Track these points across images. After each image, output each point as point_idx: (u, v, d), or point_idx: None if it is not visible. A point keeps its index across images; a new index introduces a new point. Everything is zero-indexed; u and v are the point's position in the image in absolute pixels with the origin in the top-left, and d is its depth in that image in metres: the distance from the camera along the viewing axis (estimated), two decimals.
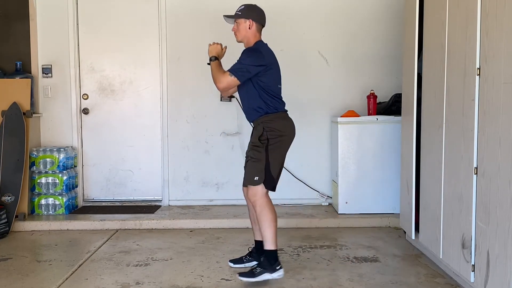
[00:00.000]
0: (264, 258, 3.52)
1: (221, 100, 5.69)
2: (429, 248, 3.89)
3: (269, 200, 3.58)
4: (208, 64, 3.71)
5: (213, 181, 5.82)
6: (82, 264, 4.03)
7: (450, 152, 3.48)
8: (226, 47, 3.81)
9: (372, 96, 5.32)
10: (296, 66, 5.70)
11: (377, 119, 5.20)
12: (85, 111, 5.85)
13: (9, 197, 5.05)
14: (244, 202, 3.73)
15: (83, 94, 5.84)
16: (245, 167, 3.71)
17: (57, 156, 5.41)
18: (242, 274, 3.55)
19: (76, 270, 3.89)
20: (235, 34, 3.76)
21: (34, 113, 5.49)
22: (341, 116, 5.29)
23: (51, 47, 5.74)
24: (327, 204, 5.69)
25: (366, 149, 5.23)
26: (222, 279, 3.65)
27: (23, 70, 5.59)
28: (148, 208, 5.67)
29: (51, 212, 5.42)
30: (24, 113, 5.25)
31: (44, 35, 5.73)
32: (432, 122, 3.80)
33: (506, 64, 2.71)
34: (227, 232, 4.94)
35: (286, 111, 3.75)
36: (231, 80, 3.55)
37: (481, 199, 3.01)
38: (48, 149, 5.45)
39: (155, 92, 5.84)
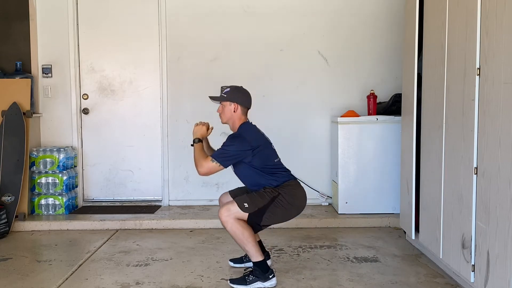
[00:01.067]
0: (255, 268, 3.49)
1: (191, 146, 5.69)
2: (429, 248, 3.88)
3: (241, 220, 3.43)
4: (192, 145, 3.65)
5: (213, 181, 5.81)
6: (82, 264, 4.03)
7: (450, 152, 3.47)
8: (212, 128, 3.77)
9: (372, 96, 5.33)
10: (296, 66, 5.70)
11: (377, 119, 5.20)
12: (85, 111, 5.85)
13: (9, 197, 5.05)
14: None
15: (83, 94, 5.84)
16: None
17: (57, 156, 5.41)
18: (234, 281, 3.52)
19: (76, 270, 3.89)
20: (220, 116, 3.72)
21: (34, 113, 5.49)
22: (341, 116, 5.30)
23: (51, 47, 5.74)
24: (327, 204, 5.69)
25: (366, 149, 5.23)
26: (222, 279, 3.65)
27: (23, 70, 5.59)
28: (148, 208, 5.67)
29: (51, 212, 5.42)
30: (24, 113, 5.25)
31: (44, 35, 5.73)
32: (432, 122, 3.80)
33: (506, 64, 2.71)
34: (227, 232, 4.91)
35: (295, 178, 3.69)
36: (212, 166, 3.48)
37: (481, 199, 3.00)
38: (48, 149, 5.45)
39: (155, 92, 5.84)
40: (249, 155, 3.51)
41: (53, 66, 5.74)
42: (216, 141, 5.75)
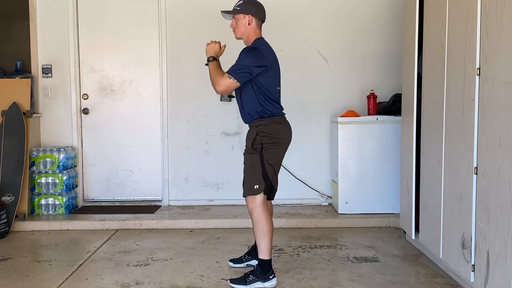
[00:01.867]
0: (258, 266, 3.49)
1: (221, 100, 5.69)
2: (429, 248, 3.89)
3: (266, 209, 3.49)
4: (206, 64, 3.55)
5: (213, 181, 5.82)
6: (82, 264, 4.03)
7: (450, 152, 3.48)
8: (225, 46, 3.66)
9: (372, 96, 5.33)
10: (296, 66, 5.70)
11: (377, 119, 5.20)
12: (85, 111, 5.85)
13: (9, 197, 5.05)
14: (244, 202, 3.72)
15: (83, 94, 5.84)
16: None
17: (57, 156, 5.40)
18: (234, 281, 3.51)
19: (76, 270, 3.89)
20: (234, 31, 3.60)
21: (34, 113, 5.49)
22: (341, 116, 5.30)
23: (51, 47, 5.74)
24: (327, 204, 5.69)
25: (366, 149, 5.23)
26: (222, 279, 3.65)
27: (23, 70, 5.59)
28: (148, 208, 5.67)
29: (51, 212, 5.42)
30: (24, 113, 5.25)
31: (44, 35, 5.73)
32: (432, 122, 3.80)
33: (506, 64, 2.71)
34: (227, 232, 4.93)
35: (283, 114, 3.62)
36: (230, 83, 3.38)
37: (481, 199, 3.01)
38: (48, 149, 5.45)
39: (155, 92, 5.84)
40: (262, 71, 3.42)
41: (53, 66, 5.74)
42: (216, 141, 5.79)
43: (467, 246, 3.17)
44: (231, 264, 3.93)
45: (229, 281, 3.54)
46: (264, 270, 3.46)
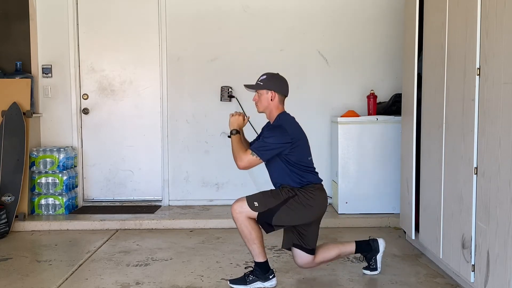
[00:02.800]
0: (256, 268, 3.47)
1: (221, 100, 5.70)
2: (429, 248, 3.89)
3: (252, 219, 3.38)
4: (229, 137, 3.49)
5: (213, 181, 5.82)
6: (82, 264, 4.03)
7: (450, 152, 3.48)
8: (248, 118, 3.63)
9: (372, 96, 5.33)
10: (296, 66, 5.70)
11: (377, 119, 5.20)
12: (85, 111, 5.85)
13: (9, 197, 5.05)
14: None
15: (83, 94, 5.84)
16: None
17: (57, 156, 5.40)
18: (234, 281, 3.51)
19: (76, 270, 3.89)
20: (256, 105, 3.53)
21: (34, 113, 5.49)
22: (341, 116, 5.30)
23: (51, 47, 5.74)
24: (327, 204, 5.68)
25: (366, 149, 5.23)
26: (222, 279, 3.65)
27: (23, 70, 5.59)
28: (148, 208, 5.67)
29: (51, 212, 5.42)
30: (24, 113, 5.25)
31: (44, 35, 5.73)
32: (432, 122, 3.80)
33: (506, 64, 2.71)
34: (227, 232, 4.93)
35: (321, 182, 3.54)
36: (252, 159, 3.33)
37: (481, 199, 3.01)
38: (48, 149, 5.45)
39: (155, 92, 5.84)
40: (288, 148, 3.36)
41: (53, 66, 5.74)
42: (216, 141, 5.79)
43: (467, 246, 3.17)
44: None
45: (229, 281, 3.54)
46: (263, 270, 3.45)
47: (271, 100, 3.48)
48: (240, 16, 5.72)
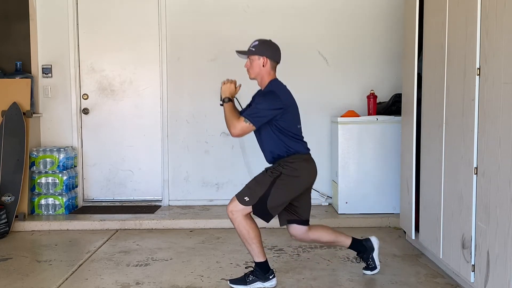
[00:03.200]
0: (256, 268, 3.48)
1: (220, 105, 5.69)
2: (429, 248, 3.89)
3: (249, 218, 3.40)
4: (221, 105, 3.48)
5: (213, 181, 5.82)
6: (82, 264, 4.03)
7: (450, 152, 3.48)
8: (240, 86, 3.59)
9: (372, 96, 5.33)
10: (296, 66, 5.69)
11: (377, 119, 5.20)
12: (85, 111, 5.85)
13: (9, 197, 5.05)
14: None
15: (83, 94, 5.84)
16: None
17: (57, 156, 5.40)
18: (234, 281, 3.51)
19: (76, 270, 3.89)
20: (248, 71, 3.54)
21: (34, 113, 5.49)
22: (341, 116, 5.30)
23: (51, 47, 5.74)
24: (327, 204, 5.69)
25: (366, 149, 5.23)
26: (222, 279, 3.65)
27: (23, 70, 5.59)
28: (148, 208, 5.67)
29: (51, 212, 5.42)
30: (24, 113, 5.25)
31: (44, 35, 5.73)
32: (432, 122, 3.80)
33: (506, 64, 2.71)
34: (227, 232, 4.93)
35: (309, 152, 3.56)
36: (245, 126, 3.34)
37: (481, 199, 3.01)
38: (48, 149, 5.45)
39: (155, 92, 5.84)
40: (279, 114, 3.37)
41: (53, 66, 5.75)
42: (216, 141, 5.79)
43: (467, 246, 3.17)
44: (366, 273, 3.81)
45: (229, 281, 3.54)
46: (263, 270, 3.45)
47: (263, 66, 3.50)
48: (241, 16, 5.72)
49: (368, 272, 3.71)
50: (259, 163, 3.72)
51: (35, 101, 5.65)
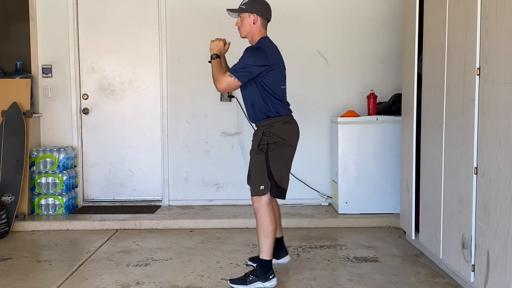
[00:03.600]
0: (258, 266, 3.48)
1: (221, 100, 5.70)
2: (429, 248, 3.89)
3: (271, 210, 3.47)
4: (209, 62, 3.56)
5: (213, 181, 5.81)
6: (82, 264, 4.03)
7: (450, 152, 3.48)
8: (229, 43, 3.64)
9: (372, 96, 5.33)
10: (296, 66, 5.69)
11: (377, 119, 5.20)
12: (85, 111, 5.85)
13: (9, 197, 5.05)
14: (244, 202, 3.73)
15: (83, 94, 5.84)
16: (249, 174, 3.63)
17: (57, 156, 5.41)
18: (234, 281, 3.51)
19: (76, 270, 3.89)
20: (239, 29, 3.59)
21: (34, 113, 5.49)
22: (341, 116, 5.30)
23: (51, 47, 5.74)
24: (327, 204, 5.69)
25: (366, 149, 5.23)
26: (222, 279, 3.65)
27: (23, 70, 5.59)
28: (148, 208, 5.67)
29: (51, 212, 5.42)
30: (24, 113, 5.25)
31: (44, 35, 5.73)
32: (432, 122, 3.80)
33: (506, 64, 2.71)
34: (227, 232, 4.93)
35: (290, 114, 3.61)
36: (231, 81, 3.39)
37: (481, 199, 3.01)
38: (48, 149, 5.45)
39: (155, 92, 5.84)
40: (265, 70, 3.39)
41: (53, 66, 5.75)
42: (216, 141, 5.79)
43: (467, 246, 3.17)
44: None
45: (229, 281, 3.54)
46: (264, 270, 3.45)
47: (254, 23, 3.53)
48: None
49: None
50: None
51: (35, 101, 5.66)
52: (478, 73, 3.05)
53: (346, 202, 5.23)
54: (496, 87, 2.83)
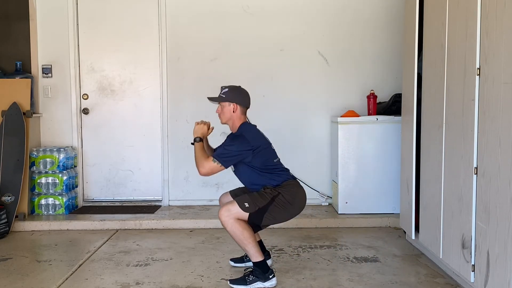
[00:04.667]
0: (255, 268, 3.49)
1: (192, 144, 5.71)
2: (429, 248, 3.89)
3: (241, 220, 3.43)
4: (192, 144, 3.64)
5: (213, 181, 5.81)
6: (82, 264, 4.04)
7: (450, 152, 3.48)
8: (213, 128, 3.76)
9: (372, 96, 5.33)
10: (296, 66, 5.71)
11: (377, 119, 5.20)
12: (85, 111, 5.85)
13: (9, 197, 5.06)
14: None
15: (83, 94, 5.84)
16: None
17: (57, 156, 5.41)
18: (234, 281, 3.52)
19: (76, 270, 3.90)
20: (219, 116, 3.71)
21: (34, 113, 5.50)
22: (341, 116, 5.30)
23: (51, 47, 5.75)
24: (327, 204, 5.69)
25: (366, 149, 5.23)
26: (222, 279, 3.65)
27: (23, 70, 5.59)
28: (148, 208, 5.67)
29: (51, 212, 5.43)
30: (24, 113, 5.26)
31: (44, 35, 5.73)
32: (432, 122, 3.81)
33: (506, 64, 2.72)
34: (227, 232, 4.92)
35: (295, 178, 3.70)
36: (213, 166, 3.49)
37: (481, 199, 3.01)
38: (48, 149, 5.45)
39: (155, 92, 5.84)
40: (250, 155, 3.51)
41: (53, 66, 5.75)
42: (216, 141, 5.77)
43: (467, 246, 3.17)
44: (232, 263, 3.95)
45: (229, 281, 3.54)
46: (263, 270, 3.46)
47: (233, 112, 3.65)
48: (240, 16, 5.72)
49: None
50: None
51: (35, 101, 5.66)
52: (478, 73, 3.05)
53: (346, 202, 5.24)
54: (496, 87, 2.83)
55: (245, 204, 3.42)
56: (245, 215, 3.42)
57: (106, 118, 5.88)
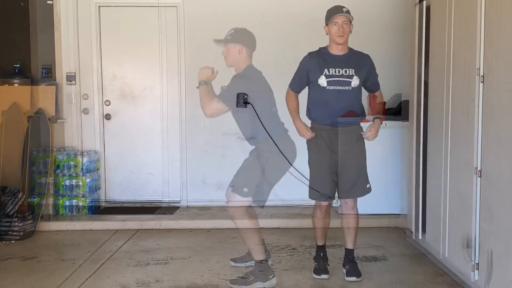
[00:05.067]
0: (256, 267, 3.55)
1: (236, 106, 5.79)
2: (434, 247, 3.96)
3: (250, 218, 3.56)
4: (197, 87, 3.69)
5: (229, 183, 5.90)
6: (104, 262, 4.17)
7: (454, 154, 3.57)
8: (217, 72, 3.76)
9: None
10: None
11: (385, 124, 5.14)
12: (107, 116, 6.03)
13: (35, 199, 5.26)
14: (257, 204, 3.83)
15: (105, 101, 6.02)
16: None
17: (80, 160, 5.58)
18: (234, 282, 3.58)
19: (98, 268, 4.03)
20: (225, 59, 3.72)
21: (58, 118, 5.71)
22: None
23: (75, 56, 5.91)
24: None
25: (372, 150, 5.16)
26: (238, 277, 3.72)
27: (49, 77, 5.79)
28: (168, 209, 5.79)
29: (74, 213, 5.57)
30: (49, 119, 5.46)
31: (68, 44, 5.90)
32: (437, 125, 3.90)
33: (508, 69, 2.81)
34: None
35: (286, 133, 3.82)
36: (219, 107, 3.59)
37: (484, 200, 3.10)
38: (72, 153, 5.64)
39: (174, 98, 5.98)
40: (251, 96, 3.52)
41: (76, 74, 5.93)
42: (232, 145, 5.87)
43: (471, 245, 3.25)
44: (232, 263, 4.03)
45: (229, 281, 3.61)
46: (263, 269, 3.52)
47: (239, 53, 3.65)
48: (257, 25, 5.79)
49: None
50: None
51: (59, 107, 5.85)
52: (482, 80, 3.14)
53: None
54: (498, 90, 2.92)
55: (244, 189, 3.60)
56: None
57: (127, 123, 6.04)
